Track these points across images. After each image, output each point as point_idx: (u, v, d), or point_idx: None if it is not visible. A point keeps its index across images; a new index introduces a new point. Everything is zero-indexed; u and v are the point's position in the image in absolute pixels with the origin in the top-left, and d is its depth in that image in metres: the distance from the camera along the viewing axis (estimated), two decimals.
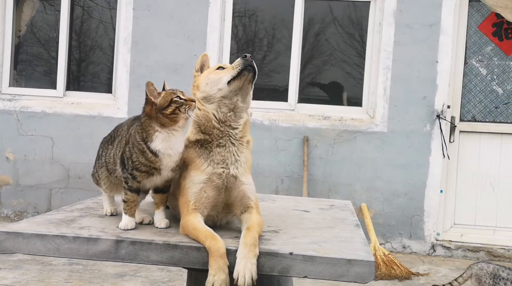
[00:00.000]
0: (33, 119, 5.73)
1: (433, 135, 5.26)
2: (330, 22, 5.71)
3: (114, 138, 1.87)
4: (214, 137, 1.75)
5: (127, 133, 1.77)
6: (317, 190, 5.38)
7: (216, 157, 1.74)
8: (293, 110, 5.52)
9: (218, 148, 1.75)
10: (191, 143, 1.78)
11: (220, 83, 1.75)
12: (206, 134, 1.76)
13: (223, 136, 1.76)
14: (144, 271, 4.25)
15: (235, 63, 1.75)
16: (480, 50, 5.39)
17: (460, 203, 5.40)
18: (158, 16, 5.58)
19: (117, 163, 1.79)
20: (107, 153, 1.87)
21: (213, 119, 1.75)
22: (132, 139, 1.71)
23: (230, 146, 1.76)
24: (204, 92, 1.77)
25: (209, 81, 1.77)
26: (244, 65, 1.72)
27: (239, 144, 1.78)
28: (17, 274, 4.05)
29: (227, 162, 1.75)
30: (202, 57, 1.89)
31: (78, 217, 1.90)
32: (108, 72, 5.94)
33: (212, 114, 1.75)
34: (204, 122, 1.76)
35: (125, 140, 1.75)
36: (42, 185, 5.71)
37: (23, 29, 6.11)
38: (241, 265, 1.49)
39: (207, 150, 1.75)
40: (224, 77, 1.75)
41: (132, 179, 1.72)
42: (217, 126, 1.75)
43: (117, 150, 1.81)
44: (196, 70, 1.86)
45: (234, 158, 1.76)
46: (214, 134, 1.75)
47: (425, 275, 4.55)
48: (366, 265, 1.50)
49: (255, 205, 1.79)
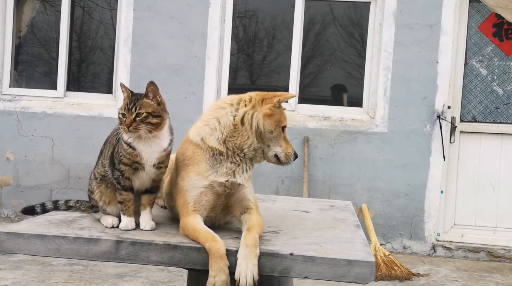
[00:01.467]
0: (34, 120, 5.73)
1: (433, 135, 5.26)
2: (330, 22, 5.71)
3: (102, 150, 1.89)
4: (231, 154, 1.72)
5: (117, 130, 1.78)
6: (318, 190, 5.38)
7: (222, 170, 1.72)
8: (293, 111, 5.52)
9: (229, 163, 1.73)
10: (204, 144, 1.73)
11: (273, 147, 1.76)
12: (226, 146, 1.72)
13: (244, 159, 1.75)
14: (145, 271, 4.24)
15: (291, 150, 1.76)
16: (481, 51, 5.39)
17: (461, 204, 5.39)
18: (159, 17, 5.58)
19: (106, 165, 1.79)
20: (99, 163, 1.86)
21: (246, 146, 1.73)
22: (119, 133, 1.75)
23: (243, 164, 1.75)
24: (263, 133, 1.73)
25: (274, 132, 1.73)
26: (295, 157, 1.77)
27: (250, 162, 1.78)
28: (17, 274, 4.05)
29: (234, 173, 1.73)
30: (293, 95, 1.84)
31: (78, 217, 1.90)
32: (108, 73, 5.94)
33: (247, 145, 1.73)
34: (236, 138, 1.72)
35: (116, 137, 1.77)
36: (42, 185, 5.71)
37: (24, 30, 6.11)
38: (243, 265, 1.49)
39: (216, 161, 1.72)
40: (277, 148, 1.76)
41: (121, 175, 1.72)
42: (246, 151, 1.74)
43: (106, 150, 1.82)
44: (279, 101, 1.74)
45: (245, 170, 1.76)
46: (234, 152, 1.73)
47: (425, 275, 4.54)
48: (366, 266, 1.50)
49: (255, 206, 1.79)
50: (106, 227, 1.75)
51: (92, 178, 1.86)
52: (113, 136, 1.80)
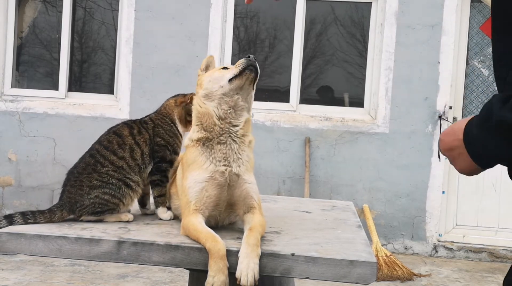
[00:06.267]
0: (35, 120, 5.74)
1: (435, 136, 5.26)
2: (331, 22, 5.71)
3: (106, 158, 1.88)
4: (215, 135, 1.76)
5: (142, 131, 1.93)
6: (319, 191, 5.38)
7: (217, 155, 1.75)
8: (294, 111, 5.52)
9: (219, 145, 1.76)
10: (193, 142, 1.79)
11: (221, 81, 1.77)
12: (207, 131, 1.77)
13: (223, 133, 1.76)
14: (146, 272, 4.25)
15: (238, 63, 1.78)
16: (482, 51, 5.38)
17: (462, 204, 5.39)
18: (160, 17, 5.58)
19: (146, 163, 1.90)
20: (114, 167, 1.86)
21: (214, 116, 1.76)
22: (160, 129, 1.94)
23: (231, 144, 1.77)
24: (206, 89, 1.80)
25: (212, 78, 1.80)
26: (247, 65, 1.75)
27: (240, 142, 1.78)
28: (19, 275, 4.05)
29: (229, 160, 1.75)
30: (208, 58, 1.93)
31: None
32: (110, 73, 5.94)
33: (212, 111, 1.77)
34: (205, 120, 1.78)
35: (149, 136, 1.92)
36: (44, 186, 5.72)
37: (25, 31, 6.12)
38: (244, 264, 1.50)
39: (208, 148, 1.76)
40: (226, 75, 1.77)
41: (170, 166, 1.94)
42: (218, 123, 1.76)
43: (137, 152, 1.89)
44: (201, 70, 1.89)
45: (236, 156, 1.77)
46: (215, 131, 1.76)
47: (427, 276, 4.54)
48: (368, 266, 1.50)
49: (258, 205, 1.79)
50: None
51: (107, 182, 1.82)
52: (146, 134, 1.94)
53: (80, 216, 1.80)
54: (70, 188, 1.83)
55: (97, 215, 1.81)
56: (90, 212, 1.79)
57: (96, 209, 1.79)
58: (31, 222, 1.74)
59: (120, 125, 1.94)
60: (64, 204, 1.81)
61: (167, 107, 2.02)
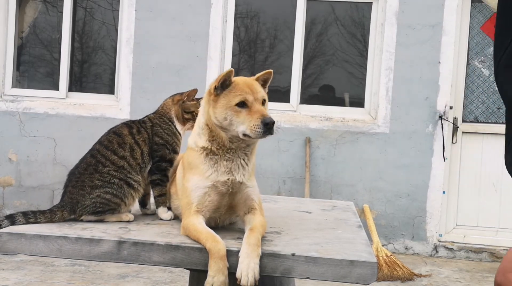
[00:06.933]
0: (36, 120, 5.74)
1: (435, 136, 5.26)
2: (332, 23, 5.71)
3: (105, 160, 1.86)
4: (220, 153, 1.74)
5: (143, 130, 1.93)
6: (319, 191, 5.38)
7: (221, 168, 1.73)
8: (295, 111, 5.52)
9: (225, 161, 1.73)
10: (197, 147, 1.76)
11: (236, 128, 1.68)
12: (213, 144, 1.73)
13: (231, 152, 1.74)
14: (146, 272, 4.25)
15: (255, 122, 1.64)
16: (483, 51, 5.38)
17: (463, 204, 5.39)
18: (160, 18, 5.58)
19: (145, 162, 1.89)
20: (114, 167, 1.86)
21: (226, 140, 1.73)
22: (158, 128, 1.95)
23: (237, 159, 1.75)
24: (219, 123, 1.71)
25: (227, 117, 1.68)
26: (263, 133, 1.65)
27: (246, 154, 1.77)
28: (19, 275, 4.05)
29: (233, 172, 1.74)
30: (227, 72, 1.68)
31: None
32: (110, 73, 5.94)
33: (225, 136, 1.73)
34: (216, 135, 1.73)
35: (148, 135, 1.92)
36: (44, 186, 5.72)
37: (26, 31, 6.12)
38: (244, 264, 1.50)
39: (212, 161, 1.73)
40: (241, 127, 1.67)
41: (170, 166, 1.95)
42: (228, 144, 1.73)
43: (137, 151, 1.88)
44: (215, 87, 1.70)
45: (242, 166, 1.75)
46: (223, 148, 1.73)
47: (427, 276, 4.54)
48: (368, 266, 1.50)
49: (259, 206, 1.79)
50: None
51: (109, 182, 1.82)
52: (145, 133, 1.94)
53: (81, 216, 1.80)
54: (72, 188, 1.83)
55: (98, 215, 1.81)
56: (91, 212, 1.79)
57: (98, 208, 1.80)
58: (32, 221, 1.75)
59: (120, 125, 1.94)
60: (65, 205, 1.81)
61: (165, 106, 2.02)
